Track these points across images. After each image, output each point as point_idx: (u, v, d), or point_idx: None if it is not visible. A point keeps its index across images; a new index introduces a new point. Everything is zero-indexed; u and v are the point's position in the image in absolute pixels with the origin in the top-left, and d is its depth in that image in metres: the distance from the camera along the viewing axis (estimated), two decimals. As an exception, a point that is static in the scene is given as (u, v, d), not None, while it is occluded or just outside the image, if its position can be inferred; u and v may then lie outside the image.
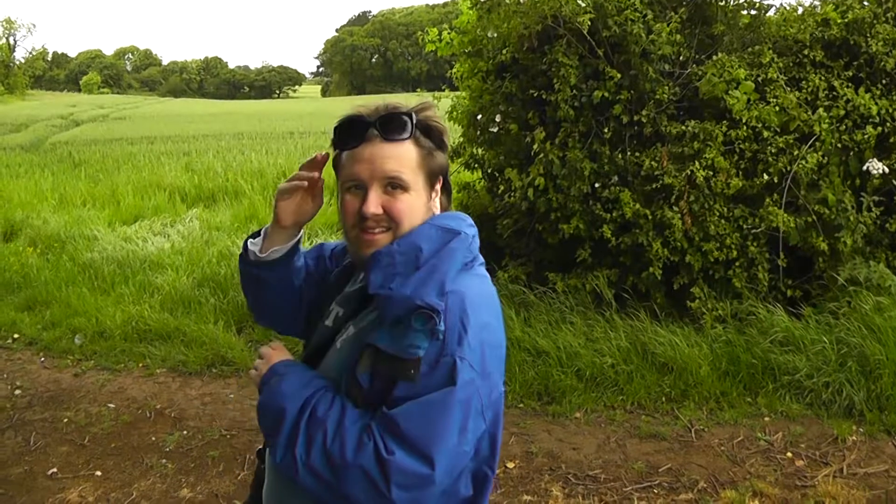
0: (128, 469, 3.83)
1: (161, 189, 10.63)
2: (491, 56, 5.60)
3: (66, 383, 4.88)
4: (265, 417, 1.26)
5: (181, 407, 4.55)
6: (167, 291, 6.16)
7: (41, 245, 7.75)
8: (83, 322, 5.71)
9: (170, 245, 7.57)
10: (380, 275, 1.22)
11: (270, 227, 1.44)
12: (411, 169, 1.27)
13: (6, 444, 4.00)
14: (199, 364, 5.07)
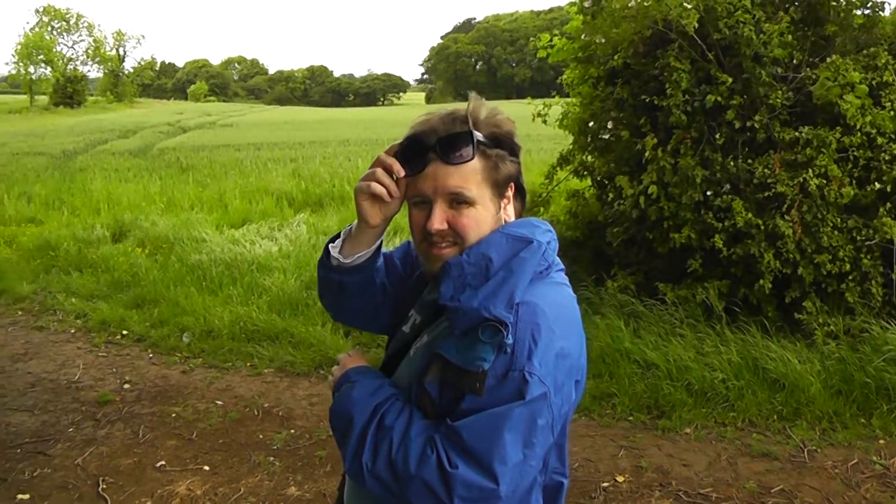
0: (235, 465, 4.69)
1: (268, 194, 12.72)
2: (602, 62, 6.62)
3: (175, 379, 6.01)
4: (335, 423, 1.61)
5: (288, 406, 5.47)
6: (275, 293, 7.43)
7: (149, 246, 9.48)
8: (191, 321, 6.99)
9: (277, 248, 9.05)
10: (450, 286, 1.49)
11: (356, 228, 1.71)
12: (476, 183, 1.54)
13: (115, 436, 5.05)
14: (306, 365, 6.12)
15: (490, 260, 1.49)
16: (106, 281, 8.39)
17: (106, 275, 8.57)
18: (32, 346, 6.81)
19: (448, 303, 1.48)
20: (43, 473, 4.55)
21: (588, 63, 6.87)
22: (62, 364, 6.35)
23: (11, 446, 4.89)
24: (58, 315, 7.60)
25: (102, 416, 5.33)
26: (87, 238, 9.93)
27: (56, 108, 63.33)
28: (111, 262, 8.89)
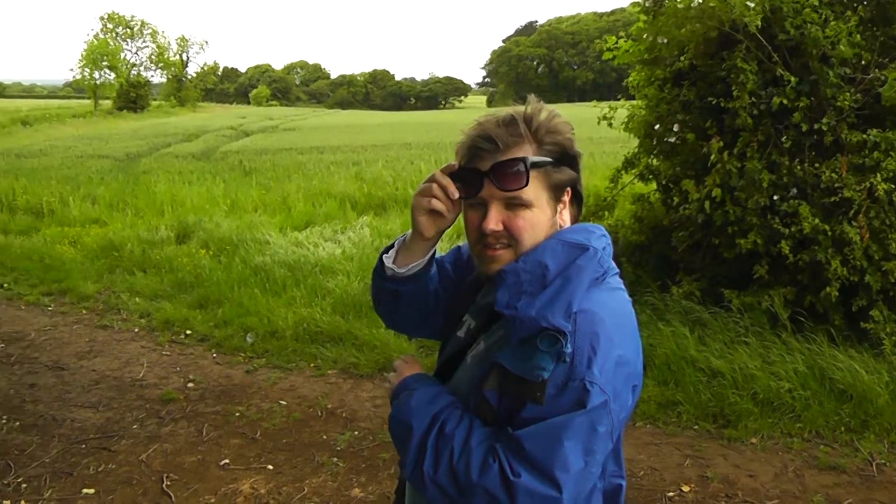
0: (299, 465, 4.80)
1: (331, 197, 13.13)
2: (668, 63, 6.71)
3: (238, 379, 6.19)
4: (394, 432, 1.67)
5: (352, 408, 5.59)
6: (338, 295, 7.63)
7: (213, 247, 9.77)
8: (255, 321, 7.19)
9: (340, 251, 9.32)
10: (506, 293, 1.54)
11: (410, 239, 1.76)
12: (532, 188, 1.58)
13: (180, 434, 5.21)
14: (370, 367, 6.26)
15: (546, 267, 1.54)
16: (170, 281, 8.69)
17: (170, 275, 8.88)
18: (97, 343, 7.08)
19: (504, 310, 1.53)
20: (108, 469, 4.73)
21: (654, 65, 6.96)
22: (126, 362, 6.59)
23: (76, 442, 5.10)
24: (122, 314, 7.91)
25: (166, 413, 5.52)
26: (151, 239, 10.28)
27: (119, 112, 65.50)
28: (175, 262, 9.22)
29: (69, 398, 5.84)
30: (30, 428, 5.34)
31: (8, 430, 5.32)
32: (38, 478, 4.64)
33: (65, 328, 7.57)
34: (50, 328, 7.56)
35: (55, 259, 9.95)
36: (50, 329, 7.54)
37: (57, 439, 5.14)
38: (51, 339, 7.26)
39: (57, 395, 5.90)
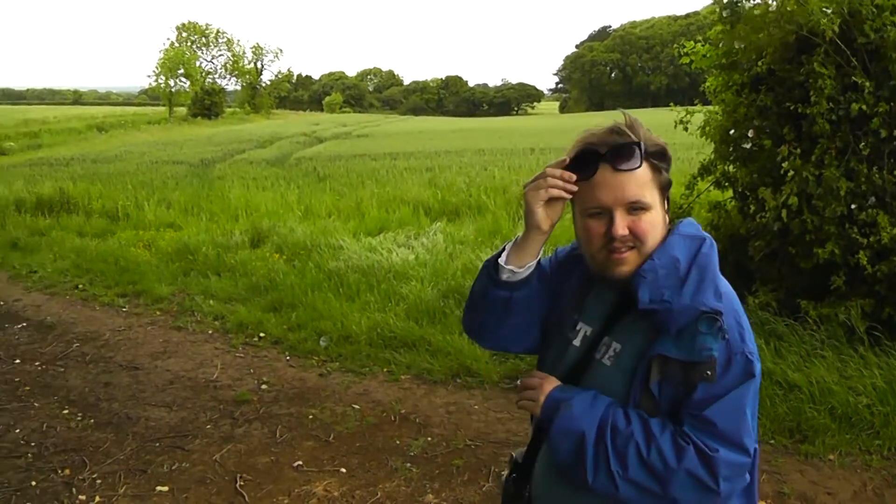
0: (373, 469, 4.87)
1: (405, 203, 13.32)
2: (746, 68, 6.66)
3: (312, 382, 6.32)
4: (564, 444, 1.77)
5: (426, 414, 5.65)
6: (412, 301, 7.74)
7: (287, 252, 10.02)
8: (328, 326, 7.34)
9: (414, 257, 9.45)
10: (647, 291, 1.69)
11: (525, 237, 1.87)
12: (649, 189, 1.74)
13: (253, 435, 5.34)
14: (443, 373, 6.33)
15: (678, 261, 1.72)
16: (244, 285, 8.93)
17: (244, 279, 9.12)
18: (171, 344, 7.32)
19: (654, 306, 1.69)
20: (181, 467, 4.88)
21: (732, 69, 6.92)
22: (200, 363, 6.80)
23: (150, 440, 5.28)
24: (196, 316, 8.16)
25: (240, 414, 5.67)
26: (226, 243, 10.57)
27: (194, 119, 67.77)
28: (249, 266, 9.48)
29: (143, 397, 6.05)
30: (104, 425, 5.55)
31: (83, 426, 5.55)
32: (113, 474, 4.82)
33: (139, 329, 7.85)
34: (124, 328, 7.86)
35: (130, 261, 10.32)
36: (124, 329, 7.83)
37: (131, 437, 5.33)
38: (125, 339, 7.54)
39: (131, 394, 6.12)
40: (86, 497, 4.57)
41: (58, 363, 6.91)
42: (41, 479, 4.81)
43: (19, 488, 4.69)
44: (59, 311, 8.63)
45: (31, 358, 7.07)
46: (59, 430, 5.51)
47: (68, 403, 5.99)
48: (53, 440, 5.34)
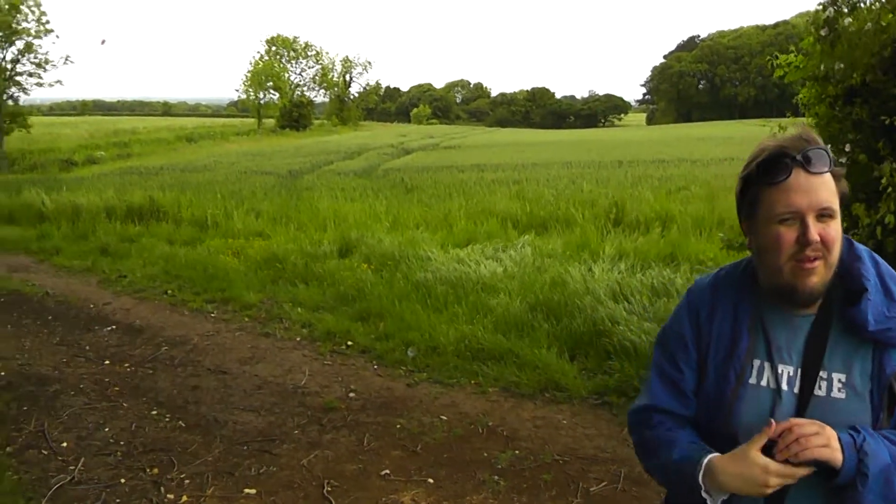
0: (460, 481, 4.91)
1: (493, 215, 13.43)
2: (839, 80, 6.49)
3: (399, 392, 6.40)
4: (876, 484, 1.71)
5: (513, 427, 5.67)
6: (500, 314, 7.79)
7: (375, 262, 10.21)
8: (416, 336, 7.44)
9: (502, 269, 9.52)
10: (871, 313, 1.73)
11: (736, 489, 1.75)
12: (835, 197, 1.76)
13: (341, 442, 5.46)
14: (531, 387, 6.35)
15: (874, 275, 1.78)
16: (332, 294, 9.13)
17: (332, 288, 9.32)
18: (259, 350, 7.53)
19: (881, 326, 1.72)
20: (269, 471, 5.01)
21: (826, 81, 6.80)
22: (288, 369, 6.97)
23: (238, 443, 5.43)
24: (284, 323, 8.37)
25: (328, 421, 5.79)
26: (314, 253, 10.81)
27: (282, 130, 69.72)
28: (337, 276, 9.69)
29: (231, 401, 6.24)
30: (193, 427, 5.74)
31: (171, 427, 5.75)
32: (201, 475, 4.98)
33: (227, 334, 8.10)
34: (213, 334, 8.13)
35: (218, 269, 10.66)
36: (213, 335, 8.09)
37: (219, 440, 5.50)
38: (213, 344, 7.79)
39: (219, 398, 6.31)
40: (174, 496, 4.73)
41: (147, 365, 7.18)
42: (130, 476, 5.00)
43: (109, 485, 4.90)
44: (147, 315, 8.97)
45: (121, 359, 7.37)
46: (148, 430, 5.73)
47: (157, 405, 6.22)
48: (142, 440, 5.55)
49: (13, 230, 15.52)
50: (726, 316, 1.88)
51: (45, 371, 7.06)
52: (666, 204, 13.01)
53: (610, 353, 6.50)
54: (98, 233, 14.10)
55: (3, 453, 5.33)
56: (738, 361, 1.83)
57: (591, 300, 7.44)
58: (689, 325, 1.94)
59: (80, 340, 8.03)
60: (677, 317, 1.99)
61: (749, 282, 1.89)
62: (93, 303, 9.59)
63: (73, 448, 5.45)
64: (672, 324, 2.00)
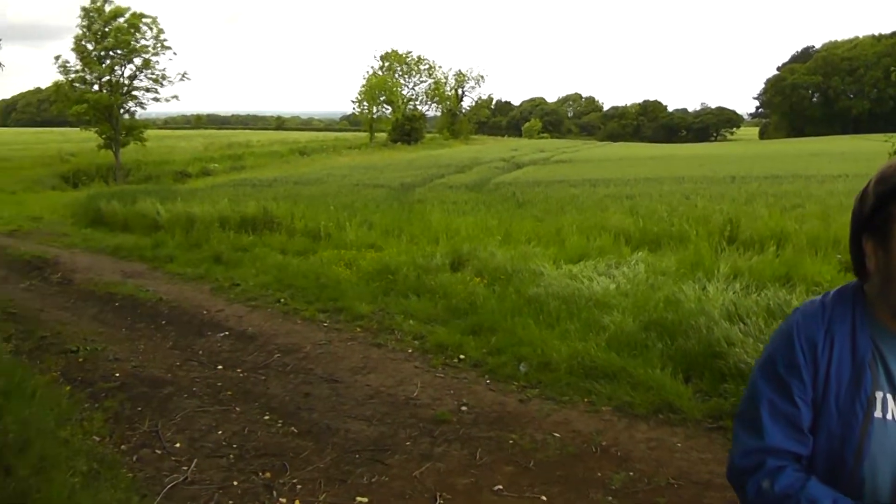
0: (573, 500, 4.90)
1: (605, 230, 13.24)
2: None
3: (511, 407, 6.41)
4: None
5: (627, 447, 5.61)
6: (613, 331, 7.70)
7: (487, 276, 10.24)
8: (528, 351, 7.44)
9: (615, 286, 9.40)
10: None
11: None
12: None
13: (452, 455, 5.51)
14: (645, 407, 6.26)
15: None
16: (443, 306, 9.20)
17: (443, 301, 9.39)
18: (371, 361, 7.66)
19: None
20: (381, 481, 5.10)
21: None
22: (400, 381, 7.07)
23: (350, 451, 5.54)
24: (396, 334, 8.49)
25: (439, 433, 5.85)
26: (426, 265, 10.91)
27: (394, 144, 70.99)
28: (449, 289, 9.75)
29: (343, 409, 6.36)
30: (305, 434, 5.89)
31: (283, 433, 5.91)
32: (313, 481, 5.10)
33: (339, 344, 8.27)
34: (325, 343, 8.30)
35: (331, 279, 10.89)
36: (325, 343, 8.27)
37: (331, 447, 5.62)
38: (325, 352, 7.96)
39: (331, 406, 6.45)
40: (286, 500, 4.86)
41: (259, 371, 7.40)
42: (242, 479, 5.17)
43: (222, 486, 5.07)
44: (260, 322, 9.24)
45: (233, 365, 7.62)
46: (260, 434, 5.90)
47: (269, 410, 6.40)
48: (254, 444, 5.72)
49: (128, 238, 16.22)
50: (845, 346, 1.79)
51: (159, 373, 7.37)
52: (780, 222, 12.63)
53: (725, 376, 6.34)
54: (212, 242, 14.58)
55: (117, 451, 5.58)
56: (865, 395, 1.75)
57: (706, 320, 7.26)
58: (802, 356, 1.82)
59: (192, 345, 8.35)
60: (787, 346, 1.85)
61: (862, 309, 1.80)
62: (206, 309, 9.95)
63: (185, 449, 5.67)
64: (781, 353, 1.86)
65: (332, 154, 56.70)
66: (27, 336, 8.71)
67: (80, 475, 4.89)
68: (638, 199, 17.79)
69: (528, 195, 20.34)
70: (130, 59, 43.24)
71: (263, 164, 46.85)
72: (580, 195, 19.75)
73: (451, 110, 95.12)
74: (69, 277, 12.30)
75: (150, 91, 44.16)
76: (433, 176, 29.96)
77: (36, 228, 18.80)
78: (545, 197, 19.77)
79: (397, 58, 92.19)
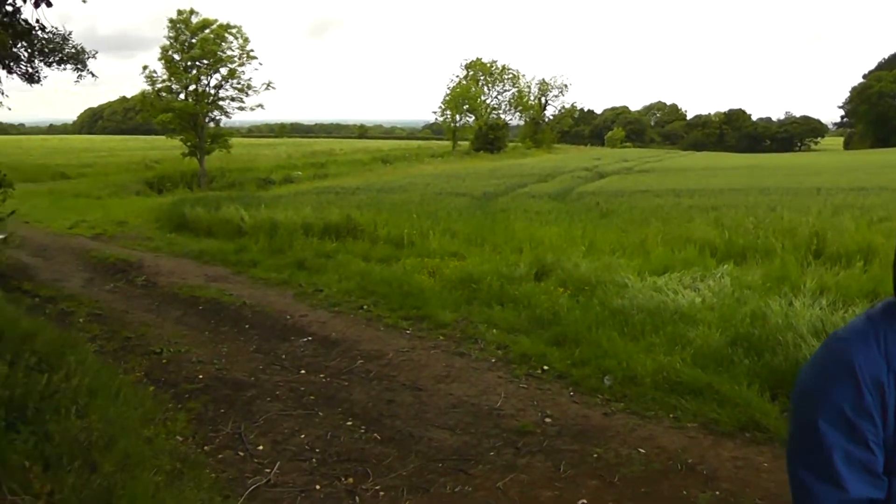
0: (661, 517, 4.74)
1: (690, 242, 13.07)
2: None
3: (596, 420, 6.36)
4: None
5: (713, 466, 5.50)
6: (698, 346, 7.61)
7: (571, 287, 10.21)
8: (612, 364, 7.37)
9: (700, 299, 9.28)
10: None
11: None
12: None
13: (536, 467, 5.49)
14: (731, 425, 6.14)
15: None
16: (527, 316, 9.18)
17: (527, 311, 9.37)
18: (454, 369, 7.68)
19: None
20: (464, 490, 5.11)
21: None
22: (483, 390, 7.06)
23: (433, 460, 5.57)
24: (479, 344, 8.49)
25: (523, 445, 5.83)
26: (510, 275, 10.91)
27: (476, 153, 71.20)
28: (532, 299, 9.74)
29: (426, 418, 6.40)
30: (388, 441, 5.93)
31: (366, 439, 5.97)
32: (395, 488, 5.14)
33: (422, 351, 8.31)
34: (408, 350, 8.36)
35: (414, 287, 10.95)
36: (408, 351, 8.33)
37: (414, 455, 5.66)
38: (408, 360, 8.01)
39: (414, 413, 6.49)
40: (369, 506, 4.90)
41: (342, 377, 7.48)
42: (325, 484, 5.24)
43: (304, 490, 5.14)
44: (343, 328, 9.34)
45: (316, 370, 7.72)
46: (343, 439, 5.97)
47: (352, 416, 6.47)
48: (337, 449, 5.80)
49: (212, 243, 16.55)
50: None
51: (242, 376, 7.52)
52: (868, 235, 12.27)
53: (813, 395, 6.15)
54: (295, 248, 14.81)
55: (200, 451, 5.72)
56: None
57: (793, 336, 7.11)
58: (870, 396, 1.66)
59: (276, 349, 8.48)
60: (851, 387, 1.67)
61: None
62: (289, 314, 10.09)
63: (268, 451, 5.77)
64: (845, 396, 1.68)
65: (414, 162, 57.07)
66: (112, 336, 9.00)
67: (163, 474, 5.01)
68: (723, 211, 17.57)
69: (611, 205, 20.20)
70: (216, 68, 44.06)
71: (346, 172, 47.39)
72: (664, 205, 19.62)
73: (535, 119, 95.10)
74: (153, 280, 12.63)
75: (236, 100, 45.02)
76: (516, 185, 29.98)
77: (121, 232, 19.34)
78: (629, 207, 19.65)
79: (482, 67, 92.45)
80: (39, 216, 21.87)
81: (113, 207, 25.74)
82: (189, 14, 43.53)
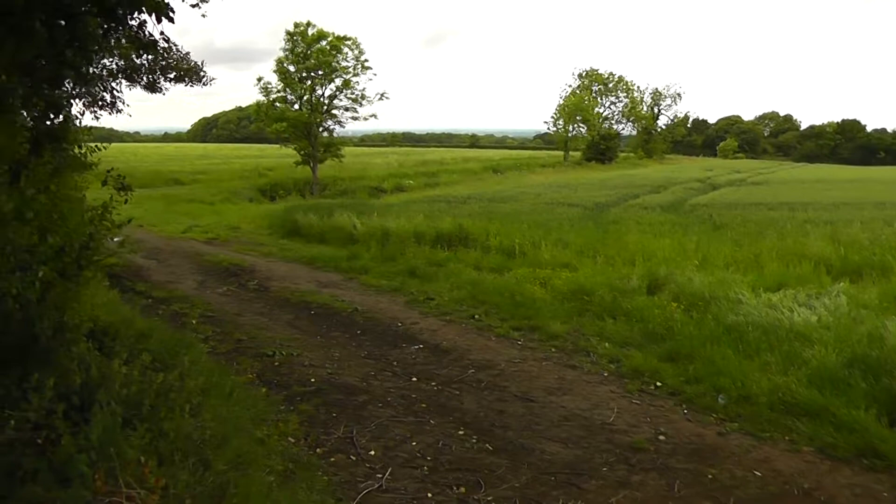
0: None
1: (805, 258, 12.76)
2: None
3: (710, 440, 6.24)
4: None
5: (830, 492, 5.35)
6: (814, 366, 7.37)
7: (684, 302, 10.02)
8: (727, 382, 7.22)
9: (816, 318, 8.97)
10: None
11: None
12: None
13: (650, 485, 5.43)
14: (848, 450, 5.94)
15: None
16: (639, 330, 9.09)
17: (639, 324, 9.27)
18: (565, 382, 7.64)
19: None
20: (576, 505, 5.05)
21: None
22: (595, 404, 7.01)
23: (545, 472, 5.56)
24: (591, 357, 8.44)
25: (636, 462, 5.77)
26: (622, 287, 10.80)
27: (587, 163, 70.78)
28: (645, 312, 9.62)
29: (538, 430, 6.38)
30: (499, 451, 5.94)
31: (478, 449, 5.99)
32: (508, 500, 5.16)
33: (533, 363, 8.29)
34: (519, 361, 8.35)
35: (525, 297, 10.93)
36: (519, 361, 8.32)
37: (526, 466, 5.66)
38: (520, 370, 8.00)
39: (526, 425, 6.48)
40: (481, 516, 4.92)
41: (453, 386, 7.53)
42: (437, 492, 5.28)
43: (416, 497, 5.21)
44: (454, 337, 9.39)
45: (427, 377, 7.79)
46: (455, 448, 6.01)
47: (463, 425, 6.50)
48: (448, 457, 5.84)
49: (325, 249, 16.81)
50: None
51: (353, 381, 7.64)
52: None
53: (935, 423, 5.90)
54: (406, 255, 14.95)
55: (312, 454, 5.83)
56: None
57: (914, 359, 6.83)
58: None
59: (387, 356, 8.58)
60: None
61: None
62: (400, 321, 10.20)
63: (380, 457, 5.85)
64: None
65: (525, 172, 57.12)
66: (224, 338, 9.25)
67: (275, 474, 5.15)
68: (837, 225, 17.09)
69: (724, 218, 19.89)
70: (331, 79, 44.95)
71: (457, 181, 47.70)
72: (778, 219, 19.20)
73: (647, 129, 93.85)
74: (265, 285, 12.91)
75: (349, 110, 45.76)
76: (627, 196, 29.73)
77: (234, 237, 19.85)
78: (742, 220, 19.30)
79: (596, 77, 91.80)
80: (153, 220, 22.63)
81: (226, 213, 26.48)
82: (306, 26, 44.52)
